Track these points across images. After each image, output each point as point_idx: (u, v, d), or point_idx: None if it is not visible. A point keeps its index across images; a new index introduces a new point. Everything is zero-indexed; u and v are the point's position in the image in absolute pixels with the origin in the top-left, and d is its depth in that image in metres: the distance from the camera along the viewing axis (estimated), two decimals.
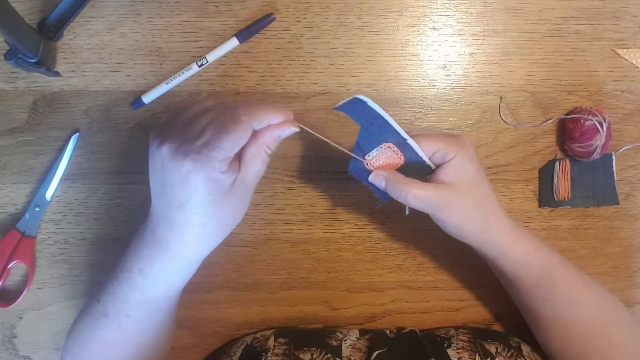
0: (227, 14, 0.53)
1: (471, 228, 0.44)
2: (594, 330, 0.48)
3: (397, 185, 0.41)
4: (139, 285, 0.41)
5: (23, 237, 0.54)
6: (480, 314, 0.59)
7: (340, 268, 0.57)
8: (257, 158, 0.39)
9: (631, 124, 0.57)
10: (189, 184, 0.36)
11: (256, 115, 0.38)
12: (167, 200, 0.37)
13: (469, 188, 0.42)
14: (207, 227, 0.38)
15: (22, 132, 0.53)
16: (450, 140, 0.42)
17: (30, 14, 0.52)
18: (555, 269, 0.47)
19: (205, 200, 0.36)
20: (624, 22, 0.55)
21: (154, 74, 0.53)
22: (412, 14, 0.54)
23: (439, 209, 0.42)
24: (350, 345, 0.51)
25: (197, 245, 0.39)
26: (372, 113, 0.41)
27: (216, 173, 0.36)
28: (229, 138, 0.36)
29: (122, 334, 0.43)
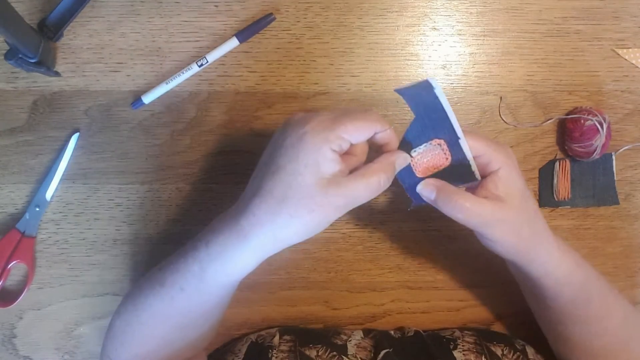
0: (227, 14, 0.53)
1: (524, 246, 0.41)
2: (618, 344, 0.48)
3: (449, 198, 0.37)
4: (200, 257, 0.39)
5: (23, 237, 0.54)
6: (480, 314, 0.58)
7: (340, 268, 0.57)
8: (369, 178, 0.36)
9: (631, 124, 0.57)
10: (296, 147, 0.35)
11: (382, 120, 0.37)
12: (267, 167, 0.36)
13: (520, 204, 0.39)
14: (283, 206, 0.35)
15: (22, 132, 0.53)
16: (497, 147, 0.39)
17: (30, 14, 0.52)
18: (592, 284, 0.46)
19: (300, 172, 0.35)
20: (624, 22, 0.55)
21: (154, 74, 0.53)
22: (412, 14, 0.54)
23: (492, 226, 0.39)
24: (355, 344, 0.51)
25: (264, 224, 0.36)
26: (435, 102, 0.37)
27: (326, 147, 0.34)
28: (354, 121, 0.35)
29: (171, 308, 0.42)
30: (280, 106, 0.54)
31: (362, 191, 0.36)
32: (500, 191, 0.38)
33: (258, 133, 0.54)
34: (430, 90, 0.36)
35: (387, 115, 0.55)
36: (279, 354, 0.48)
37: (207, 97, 0.54)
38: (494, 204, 0.38)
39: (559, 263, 0.43)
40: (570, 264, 0.44)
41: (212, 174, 0.55)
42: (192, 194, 0.55)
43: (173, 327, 0.44)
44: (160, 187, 0.55)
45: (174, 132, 0.54)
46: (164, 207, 0.55)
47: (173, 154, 0.54)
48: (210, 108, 0.54)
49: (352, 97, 0.55)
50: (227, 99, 0.54)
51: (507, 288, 0.54)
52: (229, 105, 0.54)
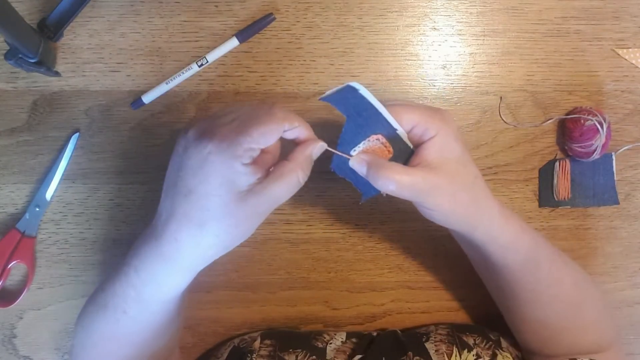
0: (227, 14, 0.53)
1: (462, 213, 0.40)
2: (570, 309, 0.48)
3: (379, 171, 0.36)
4: (133, 282, 0.39)
5: (23, 237, 0.54)
6: (480, 314, 0.58)
7: (340, 268, 0.57)
8: (286, 179, 0.36)
9: (631, 124, 0.57)
10: (203, 168, 0.34)
11: (290, 116, 0.36)
12: (176, 189, 0.35)
13: (456, 169, 0.38)
14: (204, 229, 0.35)
15: (22, 132, 0.53)
16: (432, 114, 0.38)
17: (30, 14, 0.52)
18: (540, 249, 0.46)
19: (214, 194, 0.34)
20: (624, 22, 0.55)
21: (154, 74, 0.53)
22: (412, 14, 0.54)
23: (427, 195, 0.37)
24: (334, 348, 0.51)
25: (189, 248, 0.36)
26: (363, 102, 0.37)
27: (237, 163, 0.33)
28: (258, 127, 0.34)
29: (118, 329, 0.42)
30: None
31: (282, 192, 0.36)
32: (434, 158, 0.37)
33: None
34: (355, 93, 0.37)
35: None
36: (258, 359, 0.48)
37: (207, 97, 0.54)
38: (425, 172, 0.37)
39: (502, 229, 0.42)
40: (514, 230, 0.43)
41: None
42: None
43: (127, 345, 0.43)
44: (160, 187, 0.55)
45: (174, 132, 0.54)
46: None
47: None
48: (210, 108, 0.54)
49: None
50: (227, 99, 0.54)
51: None
52: (229, 105, 0.54)
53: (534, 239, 0.45)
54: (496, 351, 0.49)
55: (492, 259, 0.45)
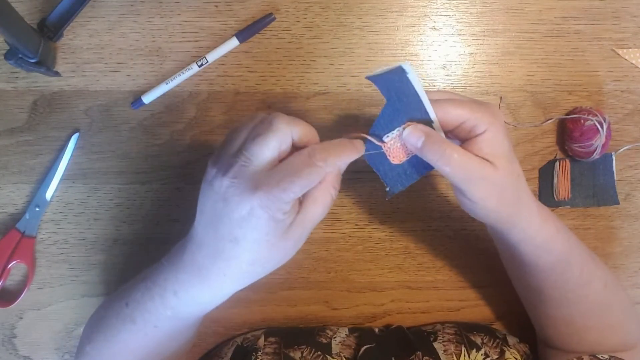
0: (227, 14, 0.53)
1: (505, 210, 0.39)
2: (597, 310, 0.48)
3: (437, 146, 0.35)
4: (172, 305, 0.39)
5: (23, 237, 0.54)
6: (480, 314, 0.58)
7: (340, 268, 0.57)
8: (321, 202, 0.36)
9: (631, 124, 0.57)
10: (249, 222, 0.34)
11: (332, 159, 0.35)
12: (219, 232, 0.35)
13: (505, 165, 0.37)
14: (254, 266, 0.36)
15: (22, 132, 0.53)
16: (481, 109, 0.37)
17: (30, 14, 0.52)
18: (573, 251, 0.46)
19: (262, 239, 0.35)
20: (624, 22, 0.55)
21: (154, 74, 0.53)
22: (412, 14, 0.54)
23: (476, 184, 0.36)
24: (339, 342, 0.51)
25: (238, 280, 0.37)
26: (407, 87, 0.36)
27: (279, 214, 0.34)
28: (300, 182, 0.33)
29: (146, 342, 0.42)
30: (280, 106, 0.54)
31: (319, 214, 0.36)
32: (486, 153, 0.36)
33: None
34: (403, 75, 0.35)
35: None
36: (264, 356, 0.48)
37: (207, 97, 0.54)
38: (481, 161, 0.36)
39: (539, 229, 0.42)
40: (550, 231, 0.43)
41: None
42: (192, 194, 0.55)
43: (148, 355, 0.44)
44: (160, 187, 0.55)
45: (174, 132, 0.54)
46: (164, 207, 0.55)
47: (173, 154, 0.54)
48: (210, 108, 0.54)
49: (352, 97, 0.55)
50: (227, 99, 0.54)
51: (507, 288, 0.54)
52: (229, 105, 0.54)
53: (568, 240, 0.45)
54: (504, 348, 0.50)
55: (525, 258, 0.44)
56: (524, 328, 0.56)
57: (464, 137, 0.38)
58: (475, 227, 0.57)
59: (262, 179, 0.33)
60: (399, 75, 0.36)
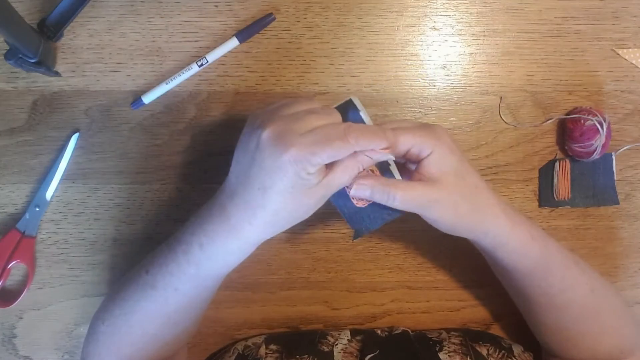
0: (227, 14, 0.53)
1: (466, 222, 0.42)
2: (587, 315, 0.48)
3: (383, 191, 0.39)
4: (196, 259, 0.41)
5: (23, 237, 0.54)
6: (480, 314, 0.58)
7: (340, 268, 0.57)
8: (347, 172, 0.39)
9: (631, 124, 0.57)
10: (279, 172, 0.36)
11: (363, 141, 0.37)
12: (249, 181, 0.38)
13: (455, 181, 0.40)
14: (278, 216, 0.38)
15: (22, 132, 0.53)
16: (425, 132, 0.40)
17: (30, 14, 0.52)
18: (551, 256, 0.46)
19: (287, 191, 0.37)
20: (624, 22, 0.55)
21: (154, 74, 0.53)
22: (412, 14, 0.54)
23: (428, 208, 0.40)
24: (341, 349, 0.51)
25: (263, 229, 0.39)
26: None
27: (304, 173, 0.36)
28: (331, 151, 0.36)
29: (165, 308, 0.43)
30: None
31: (344, 180, 0.39)
32: (433, 173, 0.40)
33: None
34: (355, 112, 0.39)
35: (387, 115, 0.55)
36: None
37: (207, 97, 0.54)
38: (425, 187, 0.40)
39: (510, 235, 0.44)
40: (523, 236, 0.44)
41: (212, 174, 0.55)
42: (192, 194, 0.55)
43: (165, 324, 0.45)
44: (160, 187, 0.55)
45: (174, 132, 0.54)
46: (164, 207, 0.55)
47: (173, 154, 0.54)
48: (210, 108, 0.54)
49: None
50: (227, 99, 0.54)
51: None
52: (229, 105, 0.54)
53: (544, 245, 0.46)
54: None
55: (504, 264, 0.46)
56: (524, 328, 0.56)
57: (415, 160, 0.41)
58: None
59: (296, 138, 0.36)
60: (352, 112, 0.40)
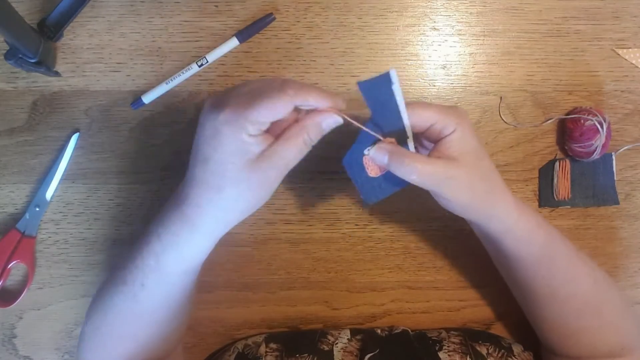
0: (227, 14, 0.53)
1: (479, 203, 0.41)
2: (589, 309, 0.48)
3: (401, 161, 0.38)
4: (155, 250, 0.40)
5: (23, 237, 0.54)
6: (480, 314, 0.58)
7: (340, 268, 0.57)
8: (293, 141, 0.37)
9: (631, 124, 0.57)
10: (216, 138, 0.36)
11: (302, 93, 0.36)
12: (196, 157, 0.38)
13: (473, 162, 0.40)
14: (222, 194, 0.37)
15: (22, 132, 0.53)
16: (448, 111, 0.40)
17: (30, 14, 0.52)
18: (556, 246, 0.47)
19: (227, 160, 0.36)
20: (624, 22, 0.55)
21: (154, 74, 0.53)
22: (412, 14, 0.54)
23: (445, 185, 0.39)
24: (341, 349, 0.51)
25: (210, 212, 0.38)
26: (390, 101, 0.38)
27: (243, 134, 0.35)
28: (266, 103, 0.35)
29: (136, 305, 0.42)
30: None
31: (289, 154, 0.37)
32: (453, 151, 0.39)
33: None
34: (389, 86, 0.37)
35: None
36: None
37: (207, 97, 0.54)
38: (445, 163, 0.39)
39: (517, 221, 0.44)
40: (529, 224, 0.44)
41: None
42: None
43: (142, 325, 0.44)
44: (160, 187, 0.55)
45: (174, 132, 0.54)
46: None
47: (173, 154, 0.54)
48: None
49: (352, 97, 0.55)
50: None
51: (507, 288, 0.54)
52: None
53: (549, 234, 0.46)
54: (509, 359, 0.50)
55: (508, 252, 0.46)
56: (524, 328, 0.56)
57: (435, 138, 0.40)
58: None
59: (232, 99, 0.35)
60: (386, 85, 0.38)
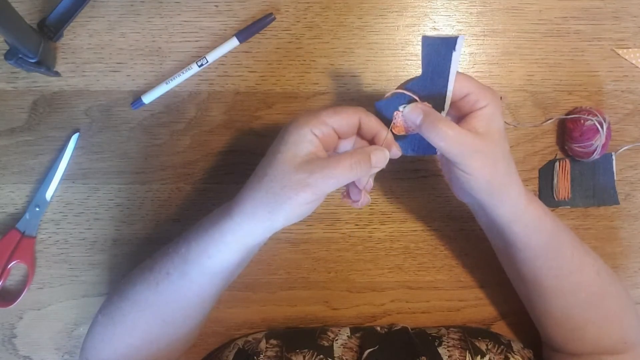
0: (227, 14, 0.53)
1: (498, 182, 0.41)
2: (593, 300, 0.48)
3: (434, 124, 0.38)
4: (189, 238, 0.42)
5: (23, 237, 0.54)
6: (480, 314, 0.58)
7: (340, 268, 0.57)
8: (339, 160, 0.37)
9: (631, 124, 0.57)
10: (283, 131, 0.39)
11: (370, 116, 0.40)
12: None
13: (499, 140, 0.40)
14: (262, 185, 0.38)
15: (22, 132, 0.53)
16: (485, 87, 0.40)
17: (30, 14, 0.52)
18: (563, 234, 0.47)
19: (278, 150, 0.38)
20: (624, 22, 0.55)
21: (154, 74, 0.53)
22: (412, 14, 0.54)
23: (471, 156, 0.39)
24: (341, 345, 0.51)
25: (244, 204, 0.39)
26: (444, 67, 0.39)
27: (306, 129, 0.38)
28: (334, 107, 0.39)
29: (155, 296, 0.43)
30: (280, 106, 0.54)
31: (331, 172, 0.37)
32: (482, 126, 0.39)
33: (258, 133, 0.54)
34: (450, 50, 0.38)
35: None
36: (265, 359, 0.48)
37: (207, 97, 0.54)
38: (474, 134, 0.39)
39: (526, 208, 0.44)
40: (537, 211, 0.45)
41: (212, 174, 0.55)
42: (192, 194, 0.55)
43: (155, 320, 0.44)
44: (160, 187, 0.55)
45: (174, 132, 0.54)
46: (164, 207, 0.55)
47: (173, 154, 0.54)
48: (210, 108, 0.54)
49: (352, 97, 0.55)
50: (227, 99, 0.54)
51: (507, 288, 0.54)
52: (229, 105, 0.54)
53: (556, 223, 0.46)
54: (508, 355, 0.49)
55: (516, 241, 0.45)
56: (524, 328, 0.57)
57: (468, 109, 0.40)
58: (475, 227, 0.56)
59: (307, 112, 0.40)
60: (448, 48, 0.38)
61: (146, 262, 0.45)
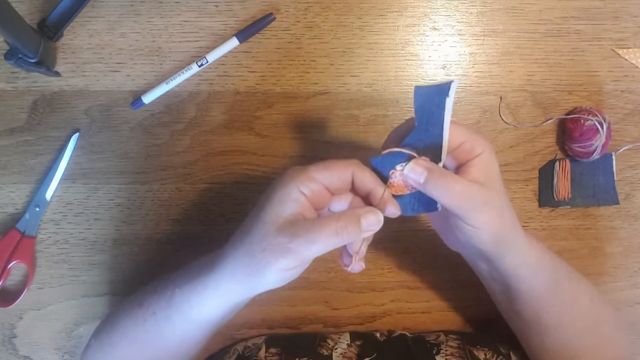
0: (227, 14, 0.53)
1: (508, 230, 0.38)
2: (589, 327, 0.48)
3: (440, 181, 0.35)
4: (178, 281, 0.41)
5: (23, 237, 0.54)
6: (480, 314, 0.58)
7: (340, 268, 0.57)
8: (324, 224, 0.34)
9: (631, 124, 0.57)
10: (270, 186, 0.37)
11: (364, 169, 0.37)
12: None
13: (499, 187, 0.38)
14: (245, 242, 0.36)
15: (22, 132, 0.53)
16: (476, 132, 0.38)
17: (30, 14, 0.52)
18: (559, 266, 0.46)
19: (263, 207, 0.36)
20: (624, 22, 0.55)
21: (154, 74, 0.53)
22: (412, 14, 0.54)
23: (479, 209, 0.36)
24: (340, 354, 0.50)
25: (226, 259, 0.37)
26: (439, 117, 0.36)
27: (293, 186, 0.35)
28: (326, 162, 0.37)
29: (141, 332, 0.43)
30: (280, 106, 0.54)
31: (315, 237, 0.34)
32: (483, 175, 0.37)
33: (258, 133, 0.54)
34: (443, 97, 0.36)
35: (387, 115, 0.55)
36: None
37: (207, 97, 0.54)
38: (480, 187, 0.36)
39: (529, 250, 0.42)
40: (537, 250, 0.43)
41: (212, 174, 0.55)
42: (192, 194, 0.55)
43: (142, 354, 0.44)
44: (160, 187, 0.55)
45: (174, 132, 0.54)
46: (164, 207, 0.55)
47: (173, 154, 0.54)
48: (210, 108, 0.54)
49: (352, 97, 0.55)
50: (227, 99, 0.54)
51: None
52: (229, 105, 0.54)
53: (552, 256, 0.45)
54: None
55: (521, 285, 0.43)
56: None
57: (464, 158, 0.38)
58: None
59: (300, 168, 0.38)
60: (441, 95, 0.36)
61: (137, 295, 0.45)
